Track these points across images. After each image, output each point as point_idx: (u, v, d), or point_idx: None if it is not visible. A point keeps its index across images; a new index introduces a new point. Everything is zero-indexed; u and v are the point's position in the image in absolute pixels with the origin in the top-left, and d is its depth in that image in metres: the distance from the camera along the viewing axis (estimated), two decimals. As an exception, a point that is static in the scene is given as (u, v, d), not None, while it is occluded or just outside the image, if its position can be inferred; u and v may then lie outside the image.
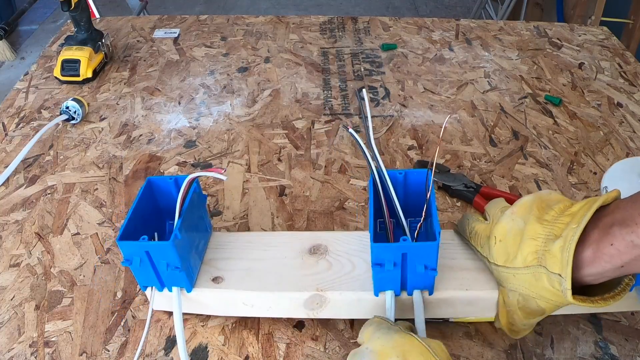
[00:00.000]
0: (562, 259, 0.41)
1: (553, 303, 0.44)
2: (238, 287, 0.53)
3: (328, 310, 0.53)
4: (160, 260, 0.49)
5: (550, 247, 0.42)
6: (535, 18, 2.38)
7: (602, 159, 0.78)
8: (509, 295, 0.47)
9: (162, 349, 0.53)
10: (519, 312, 0.47)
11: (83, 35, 0.95)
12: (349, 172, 0.76)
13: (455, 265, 0.53)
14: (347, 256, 0.55)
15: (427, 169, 0.52)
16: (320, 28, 1.14)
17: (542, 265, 0.43)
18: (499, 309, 0.50)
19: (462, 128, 0.84)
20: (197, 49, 1.06)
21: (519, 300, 0.46)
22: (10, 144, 0.81)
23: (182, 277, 0.50)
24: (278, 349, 0.54)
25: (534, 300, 0.45)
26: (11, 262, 0.63)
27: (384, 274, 0.48)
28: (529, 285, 0.45)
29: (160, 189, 0.55)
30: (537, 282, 0.44)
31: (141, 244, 0.47)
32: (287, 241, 0.57)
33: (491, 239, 0.49)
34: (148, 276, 0.51)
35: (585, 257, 0.41)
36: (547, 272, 0.42)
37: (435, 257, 0.47)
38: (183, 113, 0.88)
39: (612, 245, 0.39)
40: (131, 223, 0.50)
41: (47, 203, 0.70)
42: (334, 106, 0.89)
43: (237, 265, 0.55)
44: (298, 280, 0.53)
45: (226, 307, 0.54)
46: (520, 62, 1.02)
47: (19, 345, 0.54)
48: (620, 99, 0.92)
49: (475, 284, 0.51)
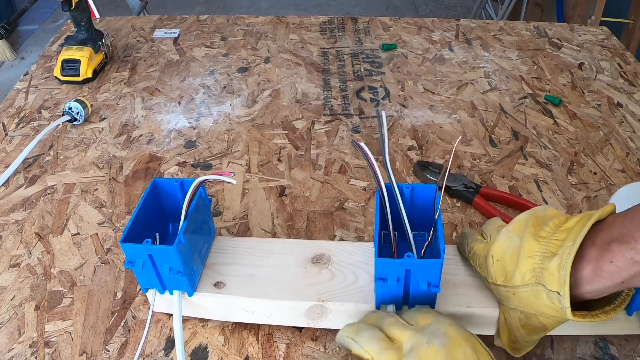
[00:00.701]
0: (559, 277, 0.41)
1: (554, 319, 0.44)
2: (239, 294, 0.52)
3: (329, 321, 0.53)
4: (163, 264, 0.49)
5: (547, 265, 0.42)
6: (535, 18, 2.38)
7: (602, 159, 0.78)
8: (510, 313, 0.47)
9: (162, 349, 0.53)
10: (521, 329, 0.47)
11: (83, 35, 0.95)
12: (349, 172, 0.76)
13: (458, 282, 0.53)
14: (350, 267, 0.55)
15: (436, 191, 0.51)
16: (320, 28, 1.14)
17: (540, 282, 0.43)
18: (500, 328, 0.50)
19: (462, 128, 0.84)
20: (197, 49, 1.06)
21: (520, 318, 0.46)
22: (10, 144, 0.81)
23: (184, 281, 0.50)
24: (278, 349, 0.54)
25: (535, 317, 0.45)
26: (11, 262, 0.63)
27: (387, 288, 0.48)
28: (529, 303, 0.44)
29: (165, 191, 0.55)
30: (536, 300, 0.43)
31: (144, 247, 0.47)
32: (290, 249, 0.57)
33: (489, 258, 0.49)
34: (150, 279, 0.51)
35: (584, 275, 0.41)
36: (546, 290, 0.42)
37: (438, 275, 0.47)
38: (183, 113, 0.88)
39: (611, 263, 0.39)
40: (135, 225, 0.50)
41: (47, 203, 0.71)
42: (334, 106, 0.89)
43: (239, 271, 0.55)
44: (300, 289, 0.52)
45: (226, 312, 0.54)
46: (520, 62, 1.02)
47: (19, 345, 0.54)
48: (620, 99, 0.92)
49: (476, 301, 0.51)
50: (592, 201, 0.71)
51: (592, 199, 0.72)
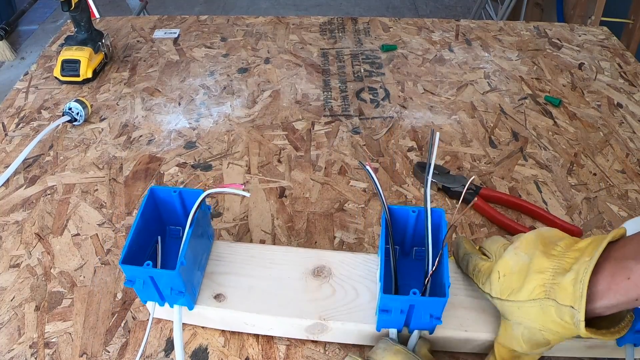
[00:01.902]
0: (574, 291, 0.42)
1: (559, 335, 0.45)
2: (240, 308, 0.52)
3: (330, 336, 0.53)
4: (165, 285, 0.48)
5: (559, 280, 0.43)
6: (535, 18, 2.38)
7: (602, 160, 0.78)
8: (514, 327, 0.48)
9: (162, 350, 0.54)
10: (524, 344, 0.47)
11: (83, 35, 0.95)
12: (349, 173, 0.76)
13: (457, 303, 0.53)
14: (351, 282, 0.55)
15: (445, 240, 0.51)
16: (320, 29, 1.14)
17: (550, 297, 0.43)
18: (499, 341, 0.50)
19: (461, 129, 0.84)
20: (197, 49, 1.06)
21: (523, 333, 0.47)
22: (10, 144, 0.81)
23: (185, 298, 0.50)
24: (278, 351, 0.54)
25: (539, 332, 0.45)
26: (11, 262, 0.63)
27: (390, 318, 0.48)
28: (535, 317, 0.45)
29: (163, 199, 0.55)
30: (543, 315, 0.44)
31: (145, 269, 0.46)
32: (291, 259, 0.57)
33: (494, 274, 0.49)
34: (150, 295, 0.50)
35: (599, 290, 0.42)
36: (557, 305, 0.43)
37: (441, 310, 0.47)
38: (183, 114, 0.88)
39: (629, 279, 0.40)
40: (133, 242, 0.49)
41: (47, 204, 0.71)
42: (333, 107, 0.89)
43: (240, 283, 0.54)
44: (301, 306, 0.52)
45: (227, 323, 0.54)
46: (520, 63, 1.02)
47: (19, 346, 0.54)
48: (620, 100, 0.92)
49: (474, 325, 0.51)
50: (591, 202, 0.71)
51: (592, 200, 0.72)
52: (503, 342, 0.49)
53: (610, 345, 0.51)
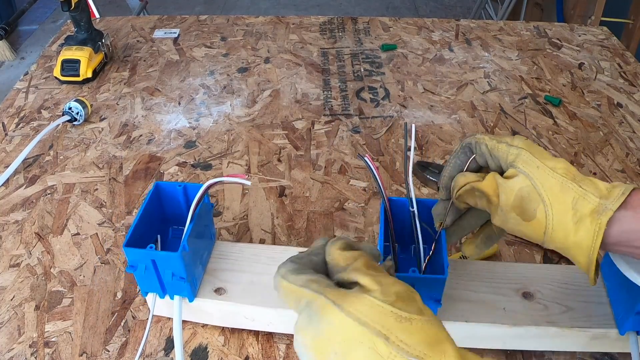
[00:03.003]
0: (611, 189, 0.40)
1: (550, 220, 0.41)
2: (240, 301, 0.52)
3: None
4: (166, 269, 0.48)
5: (591, 179, 0.41)
6: (535, 18, 2.38)
7: (602, 160, 0.78)
8: (517, 178, 0.42)
9: (162, 349, 0.53)
10: (511, 199, 0.42)
11: (83, 35, 0.95)
12: (348, 172, 0.76)
13: (456, 296, 0.53)
14: None
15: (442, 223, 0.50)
16: (320, 28, 1.14)
17: (576, 181, 0.41)
18: (487, 177, 0.45)
19: (462, 129, 0.84)
20: (197, 49, 1.06)
21: (522, 189, 0.42)
22: (10, 144, 0.81)
23: (185, 287, 0.50)
24: (278, 350, 0.54)
25: (538, 202, 0.41)
26: (11, 262, 0.63)
27: None
28: (549, 187, 0.41)
29: (167, 195, 0.55)
30: (560, 191, 0.41)
31: (148, 252, 0.47)
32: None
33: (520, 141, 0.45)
34: (151, 283, 0.51)
35: (623, 215, 0.39)
36: (580, 191, 0.40)
37: (441, 290, 0.47)
38: (183, 113, 0.88)
39: None
40: (137, 229, 0.49)
41: (47, 203, 0.71)
42: (333, 107, 0.89)
43: (240, 278, 0.55)
44: None
45: (226, 318, 0.54)
46: (520, 63, 1.02)
47: (19, 345, 0.54)
48: (620, 99, 0.92)
49: (474, 315, 0.51)
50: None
51: (592, 199, 0.72)
52: (490, 183, 0.44)
53: (612, 337, 0.50)
